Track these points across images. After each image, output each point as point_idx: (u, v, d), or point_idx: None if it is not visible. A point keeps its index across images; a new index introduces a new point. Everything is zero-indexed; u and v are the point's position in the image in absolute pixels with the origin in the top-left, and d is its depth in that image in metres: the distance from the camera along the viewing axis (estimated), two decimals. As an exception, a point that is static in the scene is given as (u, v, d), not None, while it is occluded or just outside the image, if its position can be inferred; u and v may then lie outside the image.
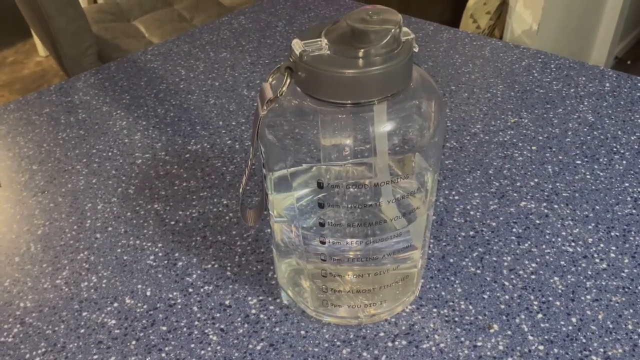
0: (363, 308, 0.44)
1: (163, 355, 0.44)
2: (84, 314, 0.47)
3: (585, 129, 0.65)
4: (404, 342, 0.44)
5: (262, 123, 0.38)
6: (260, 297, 0.48)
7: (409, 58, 0.35)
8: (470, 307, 0.46)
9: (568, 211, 0.55)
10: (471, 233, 0.53)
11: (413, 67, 0.37)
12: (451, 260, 0.50)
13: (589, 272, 0.49)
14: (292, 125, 0.38)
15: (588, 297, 0.47)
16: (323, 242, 0.40)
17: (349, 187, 0.39)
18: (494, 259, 0.50)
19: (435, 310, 0.46)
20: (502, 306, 0.46)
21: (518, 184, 0.58)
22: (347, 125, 0.37)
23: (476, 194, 0.57)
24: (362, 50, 0.34)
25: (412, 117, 0.38)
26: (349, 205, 0.39)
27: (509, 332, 0.44)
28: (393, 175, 0.38)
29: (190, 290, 0.49)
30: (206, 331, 0.45)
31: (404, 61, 0.35)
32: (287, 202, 0.42)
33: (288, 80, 0.35)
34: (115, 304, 0.48)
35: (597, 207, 0.55)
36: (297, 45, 0.35)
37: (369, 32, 0.33)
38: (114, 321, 0.46)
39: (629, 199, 0.56)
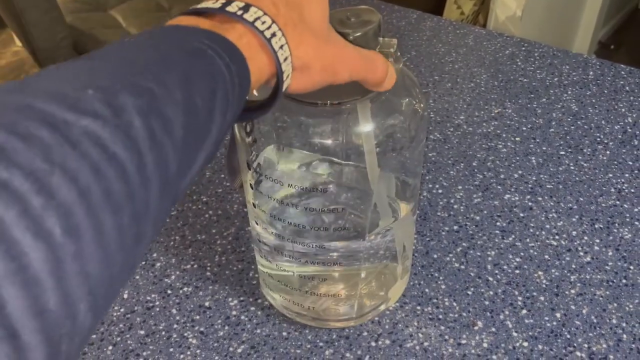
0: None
1: (141, 360, 0.43)
2: (59, 318, 0.46)
3: (569, 119, 0.65)
4: (387, 342, 0.43)
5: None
6: (241, 298, 0.47)
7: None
8: (455, 304, 0.46)
9: (552, 203, 0.54)
10: (455, 227, 0.52)
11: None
12: (435, 256, 0.50)
13: (573, 266, 0.48)
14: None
15: (572, 291, 0.46)
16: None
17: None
18: (478, 254, 0.50)
19: (419, 307, 0.45)
20: (487, 302, 0.46)
21: (502, 176, 0.58)
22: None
23: (460, 187, 0.56)
24: None
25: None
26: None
27: (493, 329, 0.44)
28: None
29: (169, 291, 0.48)
30: (185, 334, 0.44)
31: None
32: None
33: None
34: (92, 308, 0.46)
35: (581, 199, 0.54)
36: None
37: (345, 35, 0.32)
38: (90, 326, 0.45)
39: (612, 190, 0.55)
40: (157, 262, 0.50)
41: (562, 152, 0.60)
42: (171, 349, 0.43)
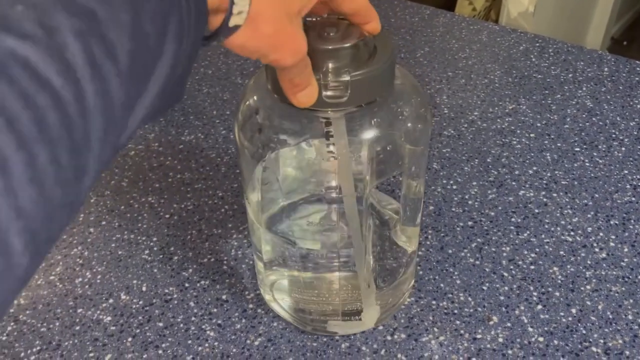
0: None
1: (160, 352, 0.43)
2: (79, 310, 0.47)
3: (584, 115, 0.65)
4: (403, 336, 0.43)
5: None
6: (258, 291, 0.47)
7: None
8: (470, 299, 0.46)
9: (567, 200, 0.54)
10: (470, 223, 0.52)
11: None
12: (450, 251, 0.50)
13: (589, 262, 0.48)
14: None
15: (588, 287, 0.46)
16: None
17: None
18: (493, 249, 0.50)
19: (434, 302, 0.46)
20: (502, 297, 0.46)
21: (517, 172, 0.58)
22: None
23: (474, 183, 0.56)
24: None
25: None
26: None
27: (509, 324, 0.44)
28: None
29: (187, 285, 0.48)
30: (203, 327, 0.45)
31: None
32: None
33: None
34: (111, 300, 0.47)
35: (597, 195, 0.54)
36: None
37: (324, 51, 0.31)
38: (109, 318, 0.46)
39: (628, 186, 0.55)
40: (175, 255, 0.51)
41: (577, 149, 0.60)
42: (189, 341, 0.44)
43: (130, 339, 0.44)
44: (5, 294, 0.16)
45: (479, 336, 0.43)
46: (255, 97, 0.37)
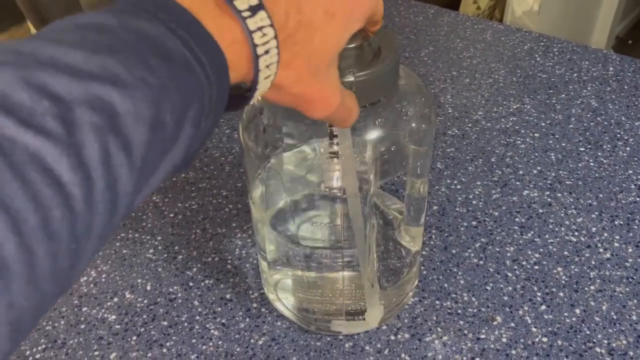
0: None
1: (164, 350, 0.43)
2: (84, 309, 0.47)
3: (589, 115, 0.64)
4: (406, 335, 0.43)
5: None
6: (262, 291, 0.47)
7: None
8: (474, 299, 0.46)
9: (571, 200, 0.54)
10: (473, 223, 0.52)
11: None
12: (453, 251, 0.50)
13: (593, 262, 0.48)
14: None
15: (592, 287, 0.46)
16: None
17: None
18: (497, 249, 0.50)
19: (438, 302, 0.46)
20: (505, 298, 0.46)
21: (521, 172, 0.57)
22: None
23: (478, 183, 0.56)
24: None
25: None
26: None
27: (513, 324, 0.44)
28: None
29: (191, 284, 0.48)
30: (207, 326, 0.45)
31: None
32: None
33: None
34: (115, 299, 0.47)
35: (601, 196, 0.54)
36: None
37: None
38: (114, 316, 0.46)
39: (632, 186, 0.55)
40: (179, 254, 0.51)
41: (582, 149, 0.60)
42: (193, 340, 0.44)
43: (134, 338, 0.44)
44: None
45: (482, 336, 0.43)
46: (259, 97, 0.37)
